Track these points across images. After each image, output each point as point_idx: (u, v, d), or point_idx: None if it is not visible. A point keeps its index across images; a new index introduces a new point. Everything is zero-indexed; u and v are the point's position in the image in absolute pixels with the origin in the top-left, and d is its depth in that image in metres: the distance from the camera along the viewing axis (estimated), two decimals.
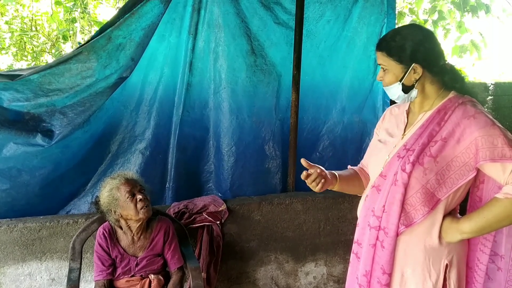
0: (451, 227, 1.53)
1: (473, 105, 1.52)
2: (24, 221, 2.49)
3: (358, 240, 1.72)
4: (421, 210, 1.52)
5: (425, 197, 1.51)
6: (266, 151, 3.17)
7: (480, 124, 1.45)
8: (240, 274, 2.89)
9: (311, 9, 3.10)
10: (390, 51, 1.55)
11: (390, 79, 1.58)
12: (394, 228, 1.55)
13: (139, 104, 2.93)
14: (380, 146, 1.71)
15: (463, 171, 1.48)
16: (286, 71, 3.10)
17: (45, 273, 2.53)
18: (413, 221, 1.54)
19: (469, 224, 1.50)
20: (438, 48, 1.56)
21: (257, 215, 2.86)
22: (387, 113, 1.81)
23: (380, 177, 1.63)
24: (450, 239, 1.54)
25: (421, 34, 1.54)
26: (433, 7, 5.54)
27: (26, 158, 2.52)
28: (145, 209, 2.10)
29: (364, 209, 1.70)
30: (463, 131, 1.47)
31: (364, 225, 1.68)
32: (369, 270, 1.63)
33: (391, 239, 1.56)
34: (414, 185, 1.51)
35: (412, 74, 1.54)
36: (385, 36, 1.61)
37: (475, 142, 1.44)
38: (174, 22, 2.85)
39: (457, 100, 1.54)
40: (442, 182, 1.50)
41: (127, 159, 2.93)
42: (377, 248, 1.60)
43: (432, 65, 1.54)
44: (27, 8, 6.99)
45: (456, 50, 5.43)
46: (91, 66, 2.44)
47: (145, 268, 2.20)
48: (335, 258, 3.06)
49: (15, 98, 2.41)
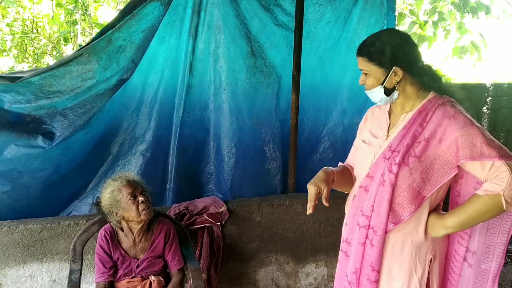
0: (436, 223, 1.60)
1: (452, 105, 1.58)
2: (25, 222, 2.49)
3: (347, 239, 1.77)
4: (408, 208, 1.59)
5: (411, 196, 1.57)
6: (266, 152, 3.18)
7: (459, 124, 1.50)
8: (240, 275, 2.90)
9: (311, 10, 3.11)
10: (371, 56, 1.60)
11: (372, 83, 1.63)
12: (383, 226, 1.61)
13: (140, 106, 2.94)
14: (365, 147, 1.76)
15: (445, 169, 1.54)
16: (286, 72, 3.11)
17: (46, 274, 2.53)
18: (401, 218, 1.60)
19: (452, 219, 1.56)
20: (416, 50, 1.62)
21: (258, 216, 2.86)
22: (368, 114, 1.87)
23: (367, 177, 1.68)
24: (435, 234, 1.61)
25: (398, 38, 1.59)
26: (433, 8, 5.54)
27: (27, 160, 2.53)
28: (147, 211, 2.11)
29: (352, 209, 1.75)
30: (444, 131, 1.53)
31: (353, 224, 1.73)
32: (359, 267, 1.69)
33: (380, 237, 1.62)
34: (401, 185, 1.57)
35: (393, 77, 1.59)
36: (364, 41, 1.65)
37: (455, 142, 1.50)
38: (174, 24, 2.85)
39: (437, 101, 1.59)
40: (426, 180, 1.56)
41: (128, 161, 2.94)
42: (367, 246, 1.66)
43: (411, 67, 1.59)
44: (28, 10, 7.01)
45: (457, 51, 5.43)
46: (92, 68, 2.45)
47: (146, 270, 2.20)
48: (335, 259, 3.05)
49: (16, 100, 2.42)
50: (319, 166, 3.39)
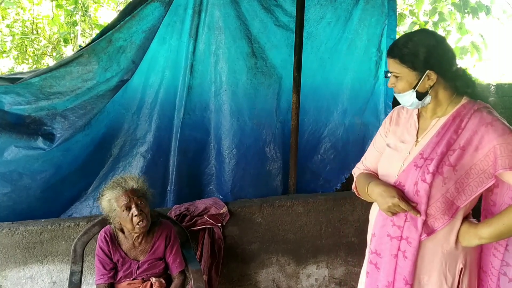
0: (469, 232, 1.54)
1: (488, 112, 1.51)
2: (25, 224, 2.48)
3: (376, 250, 1.69)
4: (441, 219, 1.53)
5: (445, 206, 1.51)
6: (267, 153, 3.17)
7: (498, 132, 1.44)
8: (241, 277, 2.89)
9: (312, 11, 3.11)
10: (403, 58, 1.52)
11: (404, 87, 1.55)
12: (417, 237, 1.55)
13: (140, 107, 2.94)
14: (391, 152, 1.69)
15: (481, 178, 1.49)
16: (286, 73, 3.10)
17: (46, 276, 2.52)
18: (434, 229, 1.54)
19: (488, 229, 1.50)
20: (451, 53, 1.54)
21: (258, 218, 2.85)
22: (394, 115, 1.77)
23: (398, 186, 1.60)
24: (467, 243, 1.55)
25: (433, 40, 1.51)
26: (433, 8, 5.55)
27: (27, 162, 2.52)
28: (140, 225, 2.06)
29: (381, 219, 1.67)
30: (481, 139, 1.46)
31: (383, 235, 1.66)
32: (391, 280, 1.62)
33: (414, 249, 1.56)
34: (434, 195, 1.51)
35: (426, 81, 1.52)
36: (396, 42, 1.57)
37: (493, 150, 1.44)
38: (174, 24, 2.85)
39: (472, 107, 1.53)
40: (461, 190, 1.50)
41: (129, 162, 2.93)
42: (399, 258, 1.60)
43: (446, 71, 1.52)
44: (28, 11, 7.01)
45: (457, 52, 5.44)
46: (92, 69, 2.44)
47: (147, 272, 2.19)
48: (336, 260, 3.06)
49: (16, 102, 2.41)
50: (320, 167, 3.43)
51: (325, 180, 3.41)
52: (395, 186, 1.60)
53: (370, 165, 1.83)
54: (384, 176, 1.69)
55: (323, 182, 3.42)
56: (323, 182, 3.42)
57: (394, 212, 1.57)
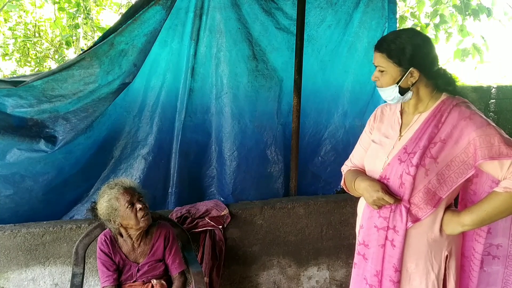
0: (452, 220, 1.61)
1: (467, 106, 1.59)
2: (27, 226, 2.50)
3: (364, 241, 1.76)
4: (424, 208, 1.60)
5: (427, 196, 1.58)
6: (268, 155, 3.18)
7: (476, 125, 1.51)
8: (242, 279, 2.89)
9: (312, 14, 3.11)
10: (390, 53, 1.59)
11: (387, 81, 1.62)
12: (403, 226, 1.61)
13: (142, 110, 2.95)
14: (376, 147, 1.75)
15: (462, 169, 1.56)
16: (287, 76, 3.11)
17: (48, 278, 2.53)
18: (418, 218, 1.61)
19: (470, 217, 1.57)
20: (434, 54, 1.61)
21: (260, 220, 2.86)
22: (378, 112, 1.85)
23: (382, 179, 1.67)
24: (451, 231, 1.62)
25: (420, 39, 1.59)
26: (434, 10, 5.55)
27: (30, 164, 2.53)
28: (145, 218, 2.10)
29: (367, 211, 1.74)
30: (460, 132, 1.54)
31: (370, 226, 1.72)
32: (380, 269, 1.69)
33: (402, 237, 1.62)
34: (416, 185, 1.58)
35: (409, 78, 1.59)
36: (385, 37, 1.64)
37: (473, 142, 1.51)
38: (176, 28, 2.86)
39: (451, 102, 1.60)
40: (442, 182, 1.57)
41: (130, 165, 2.94)
42: (387, 247, 1.66)
43: (428, 70, 1.60)
44: (30, 14, 7.03)
45: (458, 54, 5.43)
46: (94, 72, 2.45)
47: (147, 274, 2.20)
48: (337, 262, 3.06)
49: (18, 104, 2.43)
50: (321, 169, 3.43)
51: (326, 182, 3.42)
52: (380, 179, 1.67)
53: (357, 162, 1.90)
54: (370, 171, 1.77)
55: (324, 184, 3.43)
56: (324, 184, 3.43)
57: (379, 205, 1.64)
